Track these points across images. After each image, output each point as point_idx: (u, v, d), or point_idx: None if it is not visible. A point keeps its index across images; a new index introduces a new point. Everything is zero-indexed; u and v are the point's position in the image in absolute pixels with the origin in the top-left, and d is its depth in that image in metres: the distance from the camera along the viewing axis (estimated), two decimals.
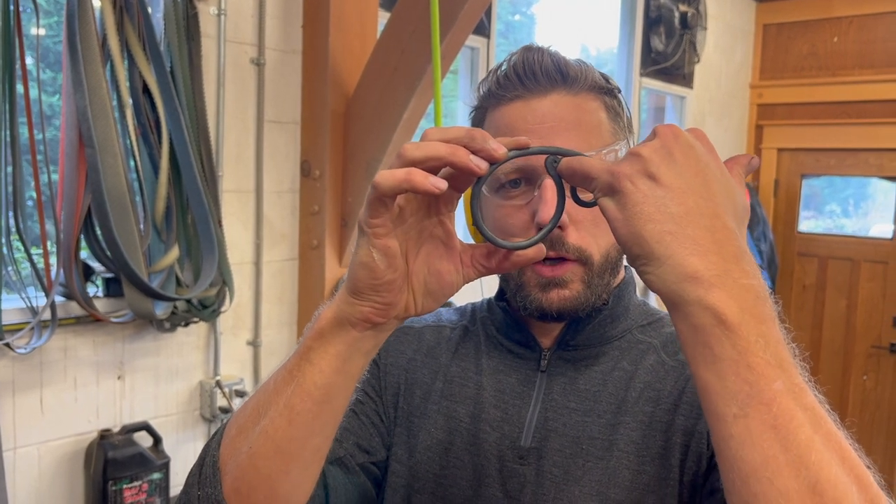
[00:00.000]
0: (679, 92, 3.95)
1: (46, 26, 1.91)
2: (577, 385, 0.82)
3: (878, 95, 4.17)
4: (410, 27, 1.99)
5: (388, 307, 0.62)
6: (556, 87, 0.79)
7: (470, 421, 0.83)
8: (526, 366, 0.84)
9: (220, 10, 2.00)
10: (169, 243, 1.83)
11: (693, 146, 0.55)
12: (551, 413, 0.81)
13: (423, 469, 0.83)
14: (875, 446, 4.32)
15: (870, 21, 4.20)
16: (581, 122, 0.78)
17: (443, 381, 0.87)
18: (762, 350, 0.50)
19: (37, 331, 1.69)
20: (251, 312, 2.19)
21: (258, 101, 2.12)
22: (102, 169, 1.65)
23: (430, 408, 0.86)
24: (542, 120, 0.77)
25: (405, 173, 0.56)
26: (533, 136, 0.76)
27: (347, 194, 2.21)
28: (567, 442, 0.79)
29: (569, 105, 0.78)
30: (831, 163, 4.42)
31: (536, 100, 0.78)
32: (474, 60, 2.92)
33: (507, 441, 0.81)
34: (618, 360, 0.82)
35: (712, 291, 0.51)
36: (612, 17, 3.66)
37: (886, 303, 4.26)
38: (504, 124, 0.79)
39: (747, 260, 0.53)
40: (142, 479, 1.84)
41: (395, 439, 0.87)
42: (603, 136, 0.79)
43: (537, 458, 0.79)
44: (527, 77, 0.79)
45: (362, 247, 0.60)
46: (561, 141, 0.76)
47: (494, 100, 0.81)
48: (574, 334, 0.83)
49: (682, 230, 0.52)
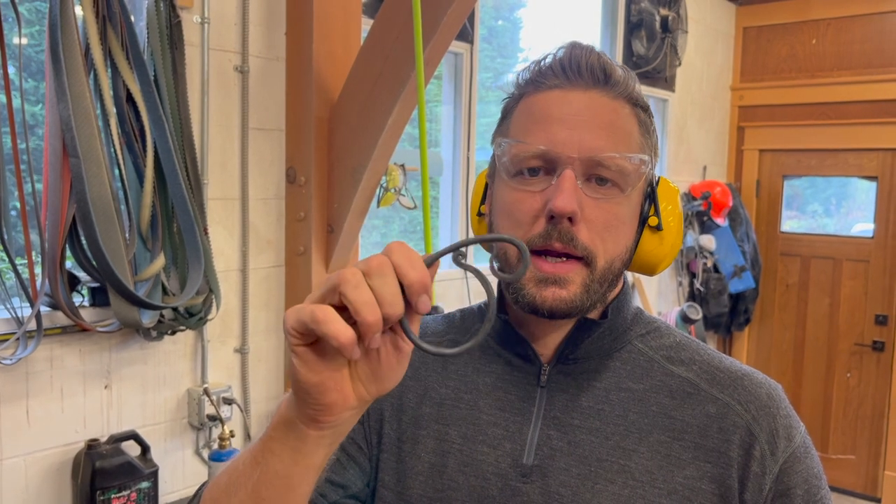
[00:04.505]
0: (661, 95, 3.99)
1: (28, 35, 1.91)
2: (580, 401, 0.80)
3: (857, 96, 4.23)
4: (394, 34, 2.00)
5: (330, 406, 0.60)
6: (597, 85, 0.78)
7: (462, 442, 0.81)
8: (525, 380, 0.82)
9: (203, 19, 2.00)
10: (155, 252, 1.83)
11: None
12: (554, 430, 0.79)
13: (415, 494, 0.81)
14: (859, 443, 4.37)
15: (847, 23, 4.26)
16: (614, 125, 0.77)
17: (431, 404, 0.84)
18: None
19: (22, 341, 1.68)
20: (238, 319, 2.19)
21: (242, 109, 2.13)
22: (87, 178, 1.64)
23: (420, 432, 0.83)
24: (577, 112, 0.77)
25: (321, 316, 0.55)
26: (563, 126, 0.76)
27: (333, 200, 2.21)
28: (573, 461, 0.77)
29: (605, 106, 0.78)
30: (812, 163, 4.47)
31: (575, 93, 0.78)
32: (458, 66, 2.94)
33: (507, 459, 0.79)
34: (621, 376, 0.81)
35: None
36: (594, 21, 3.69)
37: (868, 301, 4.31)
38: (538, 109, 0.78)
39: None
40: (130, 489, 1.83)
41: (382, 465, 0.84)
42: (631, 144, 0.78)
43: (541, 476, 0.77)
44: (570, 69, 0.78)
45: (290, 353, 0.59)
46: (590, 136, 0.75)
47: (533, 86, 0.80)
48: (574, 347, 0.81)
49: None
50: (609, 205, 0.76)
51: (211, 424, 2.08)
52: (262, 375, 2.27)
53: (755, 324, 4.69)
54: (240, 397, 2.20)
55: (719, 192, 4.20)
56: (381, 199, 2.41)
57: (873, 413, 4.31)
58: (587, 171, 0.76)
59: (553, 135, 0.76)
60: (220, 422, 2.05)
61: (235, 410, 2.17)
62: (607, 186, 0.77)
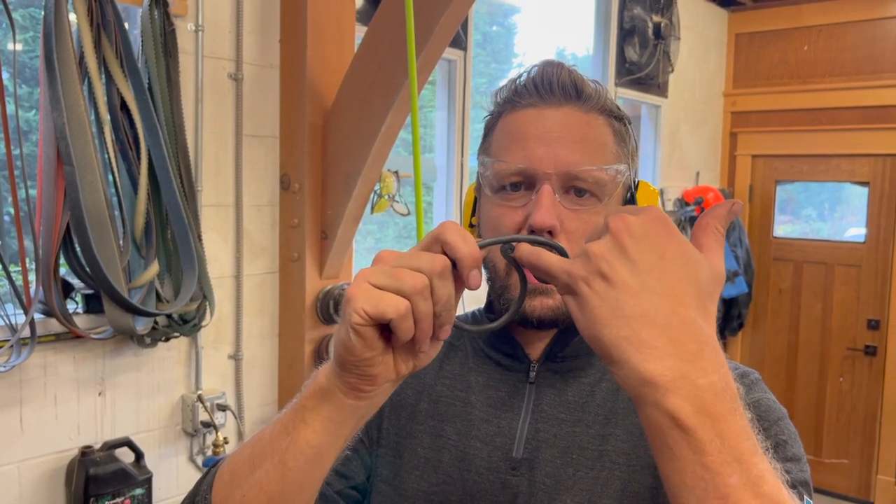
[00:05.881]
0: (654, 101, 4.00)
1: (23, 41, 1.91)
2: (566, 396, 0.83)
3: (848, 102, 4.25)
4: (387, 41, 2.01)
5: (374, 377, 0.63)
6: (570, 101, 0.82)
7: (457, 438, 0.84)
8: (515, 378, 0.85)
9: (197, 26, 2.01)
10: (149, 259, 1.84)
11: (646, 236, 0.56)
12: (542, 424, 0.82)
13: (410, 488, 0.84)
14: (851, 447, 4.38)
15: (839, 30, 4.29)
16: (587, 138, 0.81)
17: (428, 401, 0.87)
18: (718, 449, 0.51)
19: (16, 348, 1.68)
20: (232, 326, 2.20)
21: (236, 116, 2.13)
22: (81, 186, 1.65)
23: (416, 428, 0.86)
24: (550, 128, 0.80)
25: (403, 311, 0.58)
26: (539, 143, 0.80)
27: (327, 207, 2.22)
28: (557, 452, 0.80)
29: (579, 120, 0.81)
30: (804, 169, 4.50)
31: (549, 110, 0.82)
32: (451, 72, 2.95)
33: (498, 453, 0.82)
34: (605, 371, 0.84)
35: (668, 397, 0.52)
36: (587, 27, 3.71)
37: (861, 305, 4.33)
38: (515, 128, 0.83)
39: (707, 353, 0.53)
40: (124, 495, 1.83)
41: (380, 460, 0.87)
42: (606, 154, 0.81)
43: (529, 468, 0.80)
44: (543, 87, 0.82)
45: (343, 326, 0.61)
46: (565, 151, 0.79)
47: (510, 105, 0.85)
48: (562, 346, 0.84)
49: (637, 333, 0.53)
50: (587, 215, 0.80)
51: (205, 431, 2.09)
52: (256, 382, 2.27)
53: (748, 328, 4.71)
54: (234, 404, 2.21)
55: (712, 198, 4.22)
56: (375, 206, 2.42)
57: (866, 417, 4.33)
58: (564, 185, 0.80)
59: (530, 152, 0.80)
60: (214, 428, 2.05)
61: (229, 417, 2.17)
62: (585, 197, 0.80)
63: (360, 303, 0.59)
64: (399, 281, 0.59)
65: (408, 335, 0.60)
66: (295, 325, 2.27)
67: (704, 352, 0.53)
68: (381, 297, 0.58)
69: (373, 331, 0.60)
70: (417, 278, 0.59)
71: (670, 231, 0.57)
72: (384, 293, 0.59)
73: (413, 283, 0.59)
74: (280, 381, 2.33)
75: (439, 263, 0.60)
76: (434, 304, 0.60)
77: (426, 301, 0.59)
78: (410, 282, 0.59)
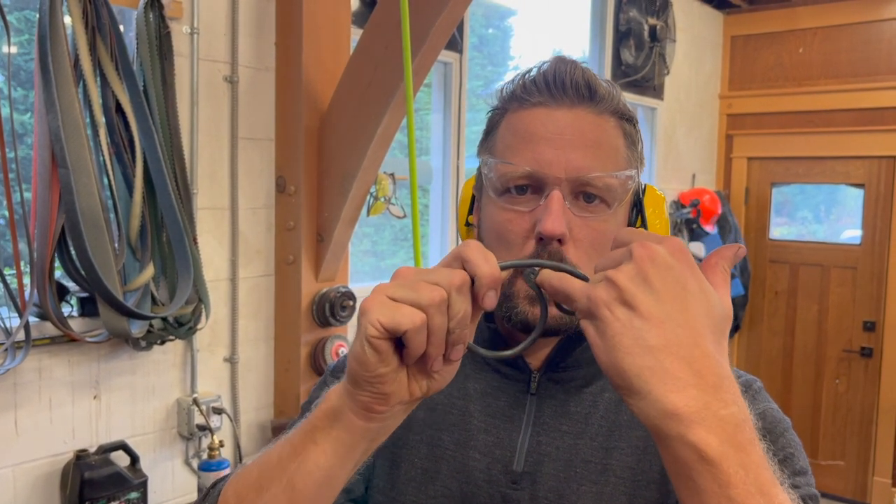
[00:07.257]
0: (650, 104, 4.01)
1: (18, 44, 1.91)
2: (568, 407, 0.81)
3: (843, 105, 4.27)
4: (383, 43, 2.01)
5: (387, 396, 0.61)
6: (583, 102, 0.78)
7: (455, 448, 0.82)
8: (515, 388, 0.83)
9: (192, 29, 2.01)
10: (144, 262, 1.83)
11: (671, 267, 0.55)
12: (543, 437, 0.79)
13: (407, 499, 0.82)
14: (848, 449, 4.39)
15: (834, 32, 4.30)
16: (600, 142, 0.77)
17: (425, 410, 0.84)
18: (742, 480, 0.51)
19: (10, 352, 1.68)
20: (227, 329, 2.19)
21: (232, 119, 2.13)
22: (76, 189, 1.64)
23: (413, 437, 0.84)
24: (561, 131, 0.76)
25: (419, 323, 0.57)
26: (549, 146, 0.76)
27: (323, 209, 2.22)
28: (560, 466, 0.78)
29: (591, 123, 0.77)
30: (800, 171, 4.51)
31: (560, 111, 0.77)
32: (447, 75, 2.95)
33: (498, 466, 0.79)
34: (607, 382, 0.81)
35: (693, 428, 0.51)
36: (583, 30, 3.71)
37: (856, 307, 4.34)
38: (523, 127, 0.78)
39: (727, 385, 0.53)
40: (119, 499, 1.82)
41: (376, 470, 0.85)
42: (618, 159, 0.78)
43: (531, 482, 0.78)
44: (555, 86, 0.78)
45: (357, 339, 0.60)
46: (577, 155, 0.76)
47: (517, 102, 0.80)
48: (563, 356, 0.82)
49: (661, 364, 0.52)
50: (596, 222, 0.77)
51: (200, 434, 2.08)
52: (252, 385, 2.27)
53: (744, 331, 4.71)
54: (229, 407, 2.20)
55: (708, 200, 4.23)
56: (371, 208, 2.41)
57: (862, 419, 4.34)
58: (575, 190, 0.77)
59: (539, 154, 0.76)
60: (209, 431, 2.05)
61: (225, 420, 2.16)
62: (595, 203, 0.77)
63: (375, 314, 0.57)
64: (416, 293, 0.58)
65: (420, 349, 0.58)
66: (290, 328, 2.27)
67: (724, 384, 0.53)
68: (397, 308, 0.57)
69: (388, 345, 0.59)
70: (435, 291, 0.58)
71: (690, 263, 0.56)
72: (400, 305, 0.58)
73: (431, 295, 0.57)
74: (276, 384, 2.33)
75: (458, 278, 0.59)
76: (449, 319, 0.58)
77: (442, 315, 0.58)
78: (428, 294, 0.57)
